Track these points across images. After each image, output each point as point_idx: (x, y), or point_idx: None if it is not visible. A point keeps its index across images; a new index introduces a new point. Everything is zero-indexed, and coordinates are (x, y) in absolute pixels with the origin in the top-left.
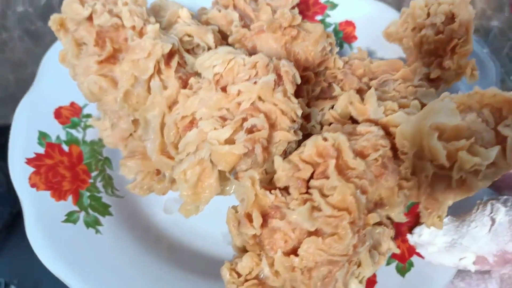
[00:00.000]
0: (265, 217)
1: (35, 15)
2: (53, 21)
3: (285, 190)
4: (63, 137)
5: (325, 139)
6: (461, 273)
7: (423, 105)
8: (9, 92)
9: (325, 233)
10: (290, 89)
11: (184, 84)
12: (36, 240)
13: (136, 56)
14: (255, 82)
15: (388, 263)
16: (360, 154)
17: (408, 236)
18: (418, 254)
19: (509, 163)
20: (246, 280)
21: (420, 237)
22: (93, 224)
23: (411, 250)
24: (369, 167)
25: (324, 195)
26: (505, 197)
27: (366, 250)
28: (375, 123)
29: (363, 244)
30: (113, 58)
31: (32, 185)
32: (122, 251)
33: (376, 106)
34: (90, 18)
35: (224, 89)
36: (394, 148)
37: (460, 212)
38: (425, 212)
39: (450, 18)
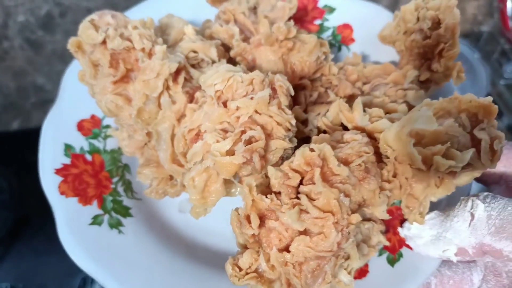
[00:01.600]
0: (262, 218)
1: (35, 24)
2: (71, 44)
3: (280, 194)
4: (86, 147)
5: (311, 150)
6: (448, 262)
7: (411, 108)
8: (10, 100)
9: (313, 232)
10: (284, 101)
11: (191, 98)
12: (68, 241)
13: (147, 77)
14: (252, 98)
15: (380, 254)
16: (345, 161)
17: (399, 229)
18: (408, 246)
19: (483, 163)
20: (247, 273)
21: (409, 230)
22: (116, 225)
23: (402, 242)
24: (353, 172)
25: (311, 199)
26: (485, 193)
27: (352, 245)
28: (362, 130)
29: (346, 240)
30: (126, 77)
31: (62, 193)
32: (142, 248)
33: (362, 114)
34: (104, 42)
35: (225, 104)
36: (379, 153)
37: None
38: (406, 210)
39: (437, 23)
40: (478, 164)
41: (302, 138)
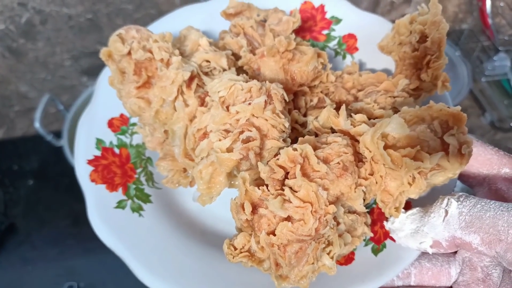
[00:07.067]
0: (255, 206)
1: (16, 33)
2: (103, 53)
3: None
4: (114, 142)
5: (294, 149)
6: (429, 256)
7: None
8: None
9: (295, 219)
10: (279, 107)
11: (202, 101)
12: (95, 221)
13: (164, 83)
14: (250, 103)
15: (366, 245)
16: (326, 159)
17: (385, 222)
18: (391, 238)
19: (451, 165)
20: (241, 252)
21: (392, 224)
22: (137, 209)
23: (386, 235)
24: (332, 170)
25: (294, 191)
26: (460, 193)
27: (334, 233)
28: (347, 133)
29: (324, 227)
30: (148, 83)
31: (92, 180)
32: (159, 231)
33: (345, 119)
34: (129, 53)
35: (228, 108)
36: (359, 153)
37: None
38: (382, 204)
39: (425, 36)
40: (447, 165)
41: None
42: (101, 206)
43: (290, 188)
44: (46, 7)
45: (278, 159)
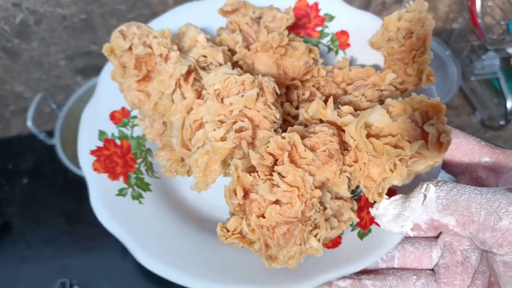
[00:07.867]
0: (247, 191)
1: (11, 33)
2: (105, 49)
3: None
4: (116, 134)
5: (283, 138)
6: (412, 240)
7: None
8: None
9: (283, 203)
10: (270, 99)
11: (199, 94)
12: (98, 208)
13: (162, 77)
14: (243, 95)
15: (353, 229)
16: (312, 147)
17: (370, 209)
18: (376, 223)
19: (431, 153)
20: (233, 234)
21: (377, 210)
22: (137, 197)
23: (372, 220)
24: (318, 157)
25: (282, 176)
26: (438, 179)
27: (319, 217)
28: (334, 123)
29: (310, 210)
30: (147, 77)
31: (95, 170)
32: (158, 217)
33: (332, 110)
34: (130, 49)
35: (222, 100)
36: (345, 142)
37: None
38: (365, 190)
39: (411, 32)
40: (426, 153)
41: None
42: (103, 194)
43: (279, 173)
44: (40, 7)
45: (268, 146)
